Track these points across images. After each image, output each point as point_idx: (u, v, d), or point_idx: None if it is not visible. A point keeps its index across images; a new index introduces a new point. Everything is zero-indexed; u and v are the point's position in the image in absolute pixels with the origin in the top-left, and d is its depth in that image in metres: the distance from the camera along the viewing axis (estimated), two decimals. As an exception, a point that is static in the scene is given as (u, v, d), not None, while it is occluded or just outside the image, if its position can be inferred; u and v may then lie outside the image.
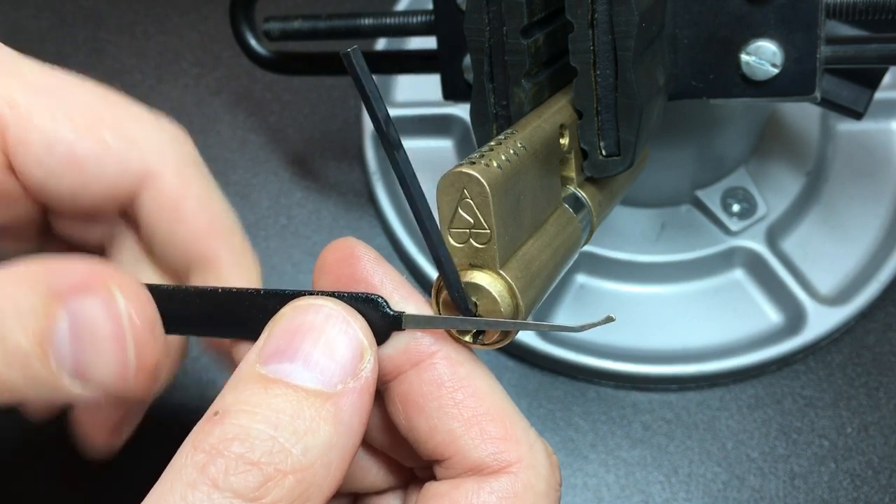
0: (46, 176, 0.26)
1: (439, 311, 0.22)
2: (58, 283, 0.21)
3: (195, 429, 0.19)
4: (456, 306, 0.21)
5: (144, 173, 0.27)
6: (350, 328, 0.21)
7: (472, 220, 0.21)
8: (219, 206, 0.28)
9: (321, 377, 0.20)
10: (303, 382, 0.20)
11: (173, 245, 0.27)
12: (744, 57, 0.30)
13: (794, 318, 0.42)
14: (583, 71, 0.26)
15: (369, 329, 0.21)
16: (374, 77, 0.19)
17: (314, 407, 0.19)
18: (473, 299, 0.21)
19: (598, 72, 0.26)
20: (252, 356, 0.20)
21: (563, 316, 0.43)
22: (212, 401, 0.20)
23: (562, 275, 0.25)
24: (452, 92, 0.34)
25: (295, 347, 0.20)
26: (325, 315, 0.21)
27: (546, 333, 0.42)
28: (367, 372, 0.21)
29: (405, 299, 0.22)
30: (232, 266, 0.27)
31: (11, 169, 0.26)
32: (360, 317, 0.21)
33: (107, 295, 0.22)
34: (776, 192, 0.44)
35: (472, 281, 0.21)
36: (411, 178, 0.20)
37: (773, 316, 0.43)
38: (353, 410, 0.20)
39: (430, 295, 0.22)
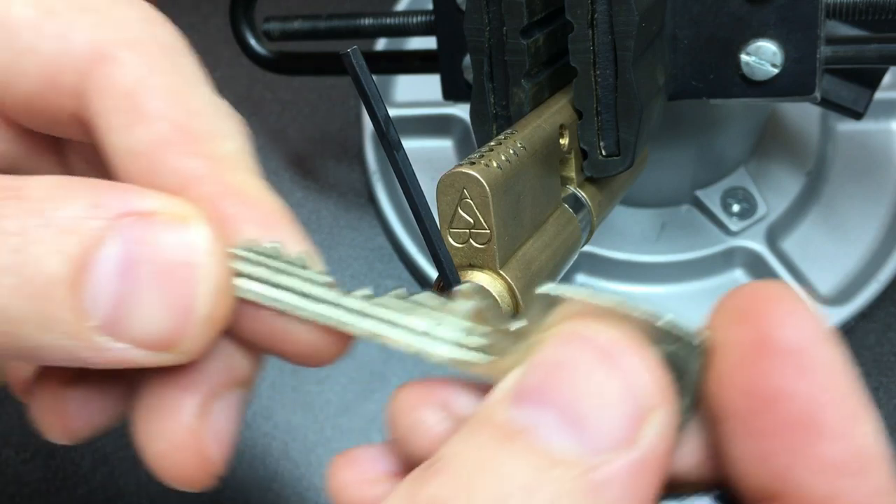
0: None
1: None
2: (115, 201, 0.16)
3: (411, 476, 0.15)
4: None
5: (94, 53, 0.18)
6: (629, 373, 0.15)
7: (471, 220, 0.21)
8: (201, 102, 0.19)
9: (576, 439, 0.14)
10: (548, 443, 0.14)
11: (132, 157, 0.18)
12: (744, 57, 0.30)
13: (794, 318, 0.41)
14: (583, 71, 0.26)
15: (662, 373, 0.15)
16: (374, 77, 0.19)
17: (559, 481, 0.14)
18: (473, 299, 0.21)
19: (598, 72, 0.26)
20: (500, 394, 0.15)
21: (563, 316, 0.43)
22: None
23: (562, 275, 0.25)
24: (452, 92, 0.34)
25: (548, 388, 0.15)
26: (593, 350, 0.15)
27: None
28: (651, 439, 0.14)
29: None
30: (221, 195, 0.18)
31: None
32: (649, 356, 0.15)
33: (178, 224, 0.16)
34: (776, 192, 0.44)
35: (472, 281, 0.21)
36: (411, 178, 0.20)
37: (773, 316, 0.43)
38: (621, 494, 0.14)
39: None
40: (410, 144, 0.46)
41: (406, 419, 0.18)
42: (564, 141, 0.26)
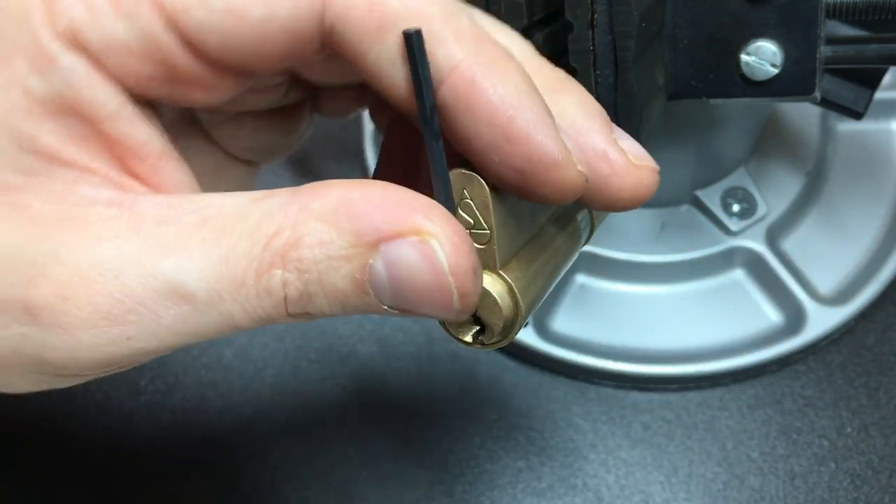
0: (223, 39, 0.20)
1: None
2: (365, 228, 0.19)
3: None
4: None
5: None
6: None
7: (472, 221, 0.21)
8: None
9: None
10: None
11: (389, 64, 0.20)
12: (744, 57, 0.30)
13: (794, 318, 0.42)
14: (583, 71, 0.26)
15: None
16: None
17: None
18: (473, 300, 0.21)
19: (598, 72, 0.26)
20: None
21: (563, 316, 0.43)
22: (212, 401, 0.20)
23: (562, 275, 0.25)
24: (452, 92, 0.34)
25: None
26: None
27: (546, 332, 0.42)
28: None
29: None
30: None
31: (189, 47, 0.20)
32: None
33: (424, 247, 0.19)
34: (776, 192, 0.44)
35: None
36: (443, 171, 0.20)
37: (773, 316, 0.43)
38: None
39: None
40: (410, 144, 0.46)
41: None
42: (564, 141, 0.26)
